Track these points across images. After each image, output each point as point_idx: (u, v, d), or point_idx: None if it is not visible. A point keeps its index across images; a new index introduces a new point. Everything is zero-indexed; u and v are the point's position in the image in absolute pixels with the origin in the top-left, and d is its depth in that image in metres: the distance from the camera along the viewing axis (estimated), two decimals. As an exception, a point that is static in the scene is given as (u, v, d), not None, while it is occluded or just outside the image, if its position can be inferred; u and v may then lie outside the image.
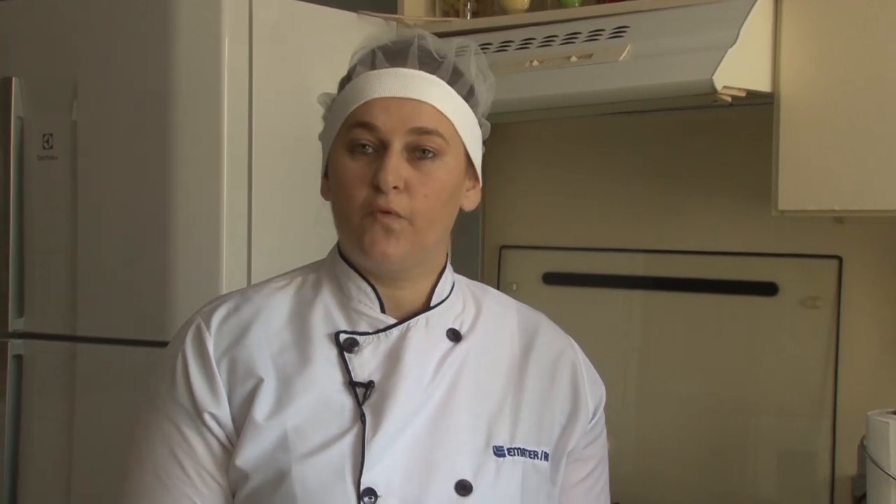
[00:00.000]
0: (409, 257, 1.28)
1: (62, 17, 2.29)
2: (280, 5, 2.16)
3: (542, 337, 1.40)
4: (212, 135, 2.09)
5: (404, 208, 1.24)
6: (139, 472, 1.29)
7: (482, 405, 1.31)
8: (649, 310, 2.38)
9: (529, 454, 1.30)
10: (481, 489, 1.25)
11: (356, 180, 1.26)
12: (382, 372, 1.28)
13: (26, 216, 2.33)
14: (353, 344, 1.29)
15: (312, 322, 1.31)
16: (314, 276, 1.36)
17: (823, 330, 2.18)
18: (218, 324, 1.31)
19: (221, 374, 1.28)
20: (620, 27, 2.07)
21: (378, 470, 1.22)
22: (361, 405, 1.26)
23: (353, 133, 1.26)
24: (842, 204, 1.90)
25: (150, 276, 2.14)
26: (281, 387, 1.27)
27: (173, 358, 1.30)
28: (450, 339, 1.33)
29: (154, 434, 1.29)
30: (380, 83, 1.26)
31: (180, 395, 1.28)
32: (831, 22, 1.90)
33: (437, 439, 1.26)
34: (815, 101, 1.91)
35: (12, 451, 2.35)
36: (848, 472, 2.10)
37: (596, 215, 2.46)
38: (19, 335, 2.34)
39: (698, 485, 2.27)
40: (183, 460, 1.27)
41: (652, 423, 2.31)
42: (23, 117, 2.32)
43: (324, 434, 1.24)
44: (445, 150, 1.27)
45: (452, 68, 1.29)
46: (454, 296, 1.36)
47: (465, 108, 1.30)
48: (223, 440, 1.27)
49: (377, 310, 1.31)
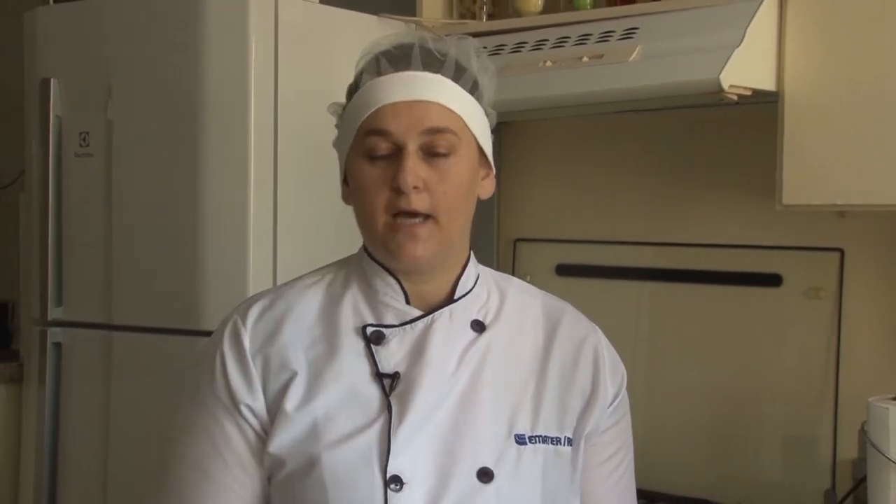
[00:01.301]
0: (437, 255, 1.28)
1: (98, 21, 2.30)
2: (304, 9, 2.17)
3: (566, 325, 1.38)
4: (239, 133, 2.10)
5: (425, 206, 1.24)
6: (180, 463, 1.30)
7: (504, 394, 1.30)
8: (657, 300, 2.37)
9: (552, 441, 1.30)
10: (502, 476, 1.25)
11: (376, 185, 1.25)
12: (408, 363, 1.27)
13: (64, 211, 2.35)
14: (380, 336, 1.29)
15: (341, 316, 1.31)
16: (343, 272, 1.36)
17: (826, 320, 2.17)
18: (253, 321, 1.30)
19: (257, 368, 1.28)
20: (630, 29, 2.06)
21: (404, 458, 1.22)
22: (388, 395, 1.25)
23: (369, 141, 1.26)
24: (844, 198, 1.89)
25: (181, 268, 2.15)
26: (311, 378, 1.27)
27: (212, 355, 1.31)
28: (473, 329, 1.32)
29: (195, 427, 1.30)
30: (388, 89, 1.26)
31: (219, 389, 1.28)
32: (834, 23, 1.89)
33: (461, 428, 1.26)
34: (819, 100, 1.90)
35: (52, 434, 2.36)
36: (849, 455, 2.09)
37: (606, 209, 2.45)
38: (58, 324, 2.35)
39: (705, 467, 2.27)
40: (222, 450, 1.27)
41: (660, 408, 2.30)
42: (61, 116, 2.33)
43: (352, 423, 1.24)
44: (458, 145, 1.27)
45: (455, 65, 1.28)
46: (478, 287, 1.35)
47: (472, 102, 1.29)
48: (258, 430, 1.27)
49: (403, 302, 1.31)
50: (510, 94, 2.02)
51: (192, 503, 1.28)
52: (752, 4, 1.93)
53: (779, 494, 2.18)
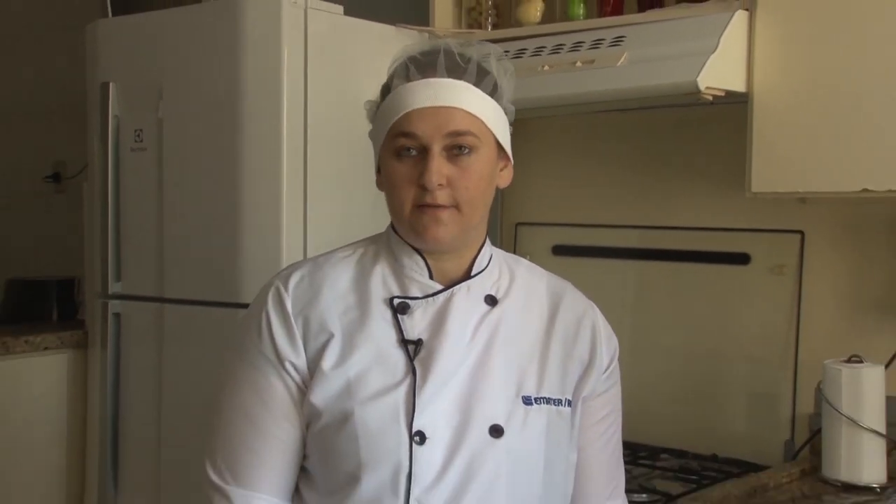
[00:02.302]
0: (458, 238, 1.27)
1: (150, 32, 2.32)
2: (330, 20, 2.17)
3: (567, 302, 1.38)
4: (273, 130, 2.11)
5: (448, 200, 1.24)
6: (230, 413, 1.29)
7: (513, 361, 1.29)
8: (642, 276, 2.37)
9: (554, 402, 1.30)
10: (511, 432, 1.25)
11: (405, 181, 1.25)
12: (430, 331, 1.27)
13: (121, 198, 2.36)
14: (406, 307, 1.28)
15: (371, 288, 1.30)
16: (373, 247, 1.35)
17: (787, 293, 2.17)
18: (294, 287, 1.30)
19: (298, 328, 1.27)
20: (618, 37, 2.05)
21: (426, 415, 1.22)
22: (412, 360, 1.25)
23: (397, 141, 1.25)
24: (805, 186, 1.90)
25: (222, 247, 2.16)
26: (345, 341, 1.26)
27: (257, 316, 1.30)
28: (487, 303, 1.31)
29: (243, 381, 1.29)
30: (415, 95, 1.24)
31: (265, 347, 1.28)
32: (797, 33, 1.89)
33: (475, 390, 1.26)
34: (783, 100, 1.90)
35: (113, 391, 2.38)
36: (806, 410, 2.12)
37: (597, 197, 2.44)
38: (117, 297, 2.37)
39: (681, 421, 2.27)
40: (268, 402, 1.27)
41: (643, 370, 2.30)
42: (118, 116, 2.35)
43: (381, 383, 1.24)
44: (478, 145, 1.25)
45: (477, 70, 1.26)
46: (492, 266, 1.34)
47: (491, 103, 1.27)
48: (300, 384, 1.27)
49: (426, 277, 1.30)
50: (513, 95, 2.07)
51: (241, 449, 1.27)
52: (724, 16, 1.93)
53: (745, 444, 2.18)
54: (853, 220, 2.10)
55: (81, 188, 2.70)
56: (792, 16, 1.90)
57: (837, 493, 1.87)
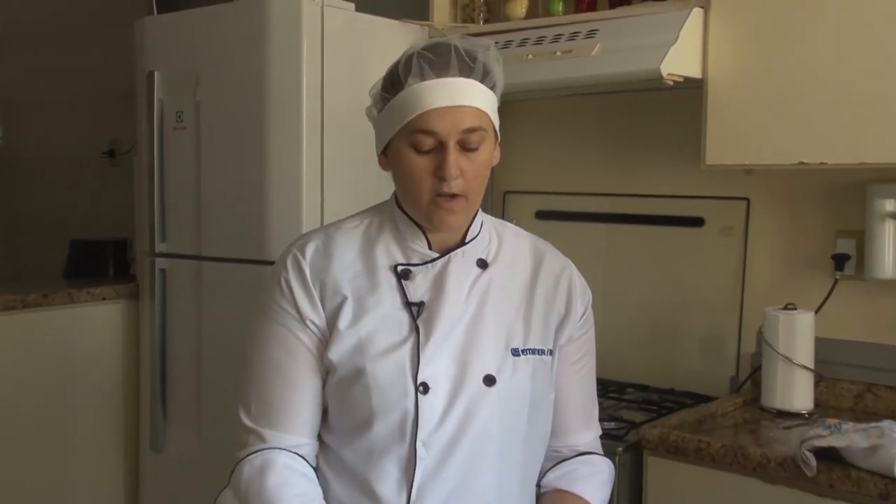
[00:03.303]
0: (465, 222, 1.27)
1: (189, 28, 2.32)
2: (344, 16, 2.17)
3: (548, 261, 1.36)
4: (294, 110, 2.11)
5: (462, 189, 1.21)
6: (259, 365, 1.27)
7: (503, 317, 1.28)
8: (612, 237, 2.37)
9: (538, 352, 1.29)
10: (502, 380, 1.24)
11: (424, 173, 1.21)
12: (430, 294, 1.25)
13: (165, 171, 2.37)
14: (408, 273, 1.26)
15: (377, 256, 1.28)
16: (378, 218, 1.32)
17: (735, 251, 2.17)
18: (310, 255, 1.27)
19: (316, 291, 1.25)
20: (592, 30, 2.06)
21: (429, 369, 1.21)
22: (416, 320, 1.24)
23: (417, 137, 1.20)
24: (750, 160, 1.91)
25: (251, 212, 2.17)
26: (356, 304, 1.24)
27: (279, 281, 1.27)
28: (479, 266, 1.29)
29: (271, 336, 1.27)
30: (432, 94, 1.19)
31: (289, 307, 1.26)
32: (745, 28, 1.89)
33: (470, 345, 1.24)
34: (733, 85, 1.90)
35: (161, 336, 2.40)
36: (749, 350, 2.14)
37: (574, 169, 2.44)
38: (162, 255, 2.39)
39: (645, 360, 2.29)
40: (294, 354, 1.25)
41: (613, 317, 2.31)
42: (162, 100, 2.35)
43: (388, 341, 1.22)
44: (485, 137, 1.23)
45: (483, 69, 1.22)
46: (483, 232, 1.32)
47: (492, 96, 1.25)
48: (320, 340, 1.25)
49: (425, 247, 1.28)
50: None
51: (270, 396, 1.25)
52: (683, 13, 1.93)
53: (697, 379, 2.19)
54: (791, 188, 2.10)
55: (132, 162, 2.70)
56: (741, 13, 1.90)
57: (773, 419, 1.90)
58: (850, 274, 2.01)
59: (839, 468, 1.56)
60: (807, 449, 1.58)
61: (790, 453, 1.62)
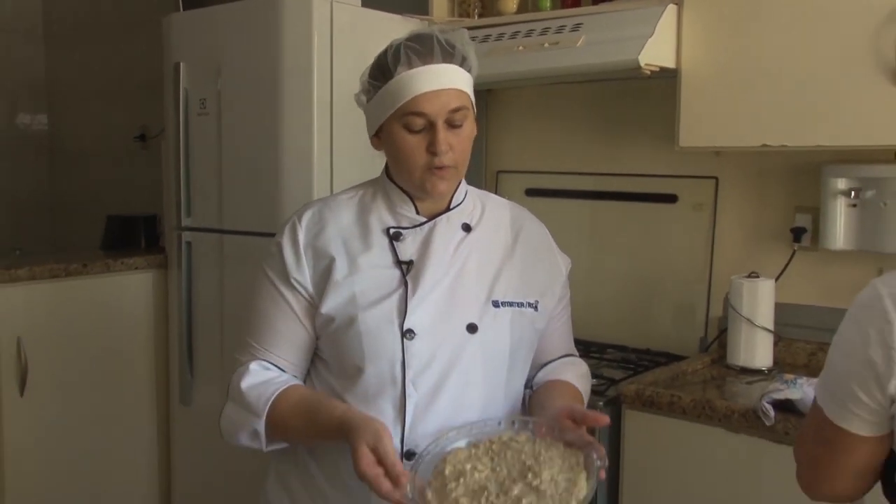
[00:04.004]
0: (453, 189, 1.28)
1: (211, 23, 2.30)
2: (351, 11, 2.15)
3: (527, 227, 1.37)
4: (306, 98, 2.10)
5: (452, 161, 1.23)
6: (255, 315, 1.30)
7: (484, 274, 1.29)
8: (594, 212, 2.37)
9: (516, 305, 1.29)
10: (483, 328, 1.25)
11: (417, 150, 1.22)
12: (418, 254, 1.26)
13: (191, 153, 2.35)
14: (399, 235, 1.28)
15: (371, 221, 1.29)
16: (371, 190, 1.33)
17: (705, 225, 2.18)
18: (306, 222, 1.29)
19: (307, 254, 1.27)
20: (577, 24, 2.05)
21: (415, 317, 1.22)
22: (405, 275, 1.25)
23: (408, 119, 1.21)
24: (719, 142, 1.91)
25: (267, 190, 2.17)
26: (350, 262, 1.26)
27: (278, 246, 1.30)
28: (463, 230, 1.30)
29: (262, 290, 1.30)
30: (420, 80, 1.20)
31: (279, 267, 1.28)
32: (715, 23, 1.89)
33: (454, 297, 1.25)
34: (704, 75, 1.90)
35: (187, 301, 2.41)
36: (716, 314, 2.15)
37: (561, 150, 2.43)
38: (188, 229, 2.39)
39: (623, 323, 2.30)
40: (282, 307, 1.27)
41: (595, 285, 2.32)
42: (187, 88, 2.34)
43: (379, 293, 1.24)
44: (468, 114, 1.24)
45: (461, 55, 1.24)
46: (467, 200, 1.32)
47: (469, 78, 1.26)
48: (306, 297, 1.27)
49: (414, 212, 1.29)
50: (494, 70, 2.04)
51: (258, 336, 1.28)
52: (659, 8, 1.93)
53: (670, 340, 2.21)
54: (755, 168, 2.11)
55: (161, 145, 2.69)
56: (711, 9, 1.89)
57: (737, 376, 1.92)
58: (806, 245, 2.02)
59: (794, 418, 1.58)
60: (766, 401, 1.61)
61: (751, 405, 1.64)
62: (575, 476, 1.10)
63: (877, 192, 1.86)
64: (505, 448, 1.16)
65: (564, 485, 1.08)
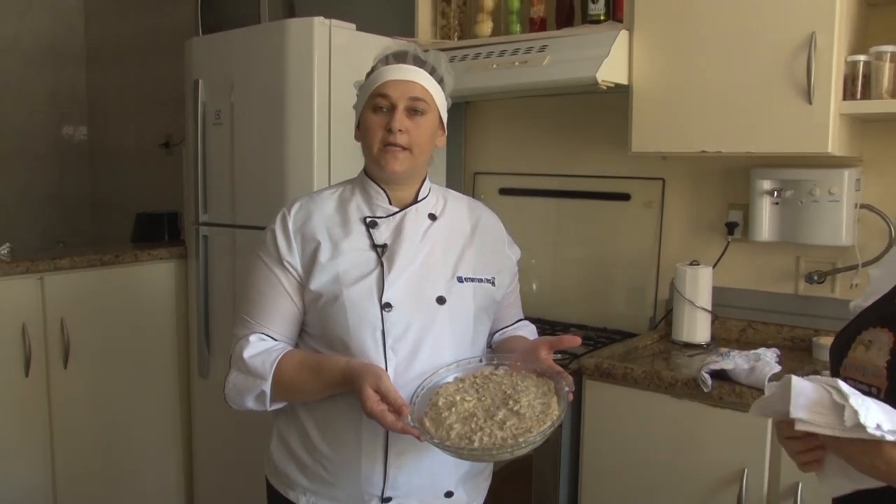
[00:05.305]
0: (408, 171, 1.27)
1: (226, 46, 2.29)
2: (347, 34, 2.14)
3: (484, 218, 1.38)
4: (307, 109, 2.09)
5: (405, 142, 1.24)
6: (251, 293, 1.30)
7: (449, 255, 1.30)
8: (559, 209, 2.37)
9: (477, 280, 1.30)
10: (451, 300, 1.26)
11: (378, 127, 1.24)
12: (392, 239, 1.27)
13: (208, 158, 2.35)
14: (374, 223, 1.28)
15: (350, 211, 1.30)
16: (350, 186, 1.34)
17: (654, 220, 2.18)
18: (294, 213, 1.30)
19: (297, 240, 1.27)
20: (543, 45, 2.04)
21: (391, 292, 1.23)
22: (381, 258, 1.25)
23: (375, 100, 1.25)
24: (665, 148, 1.90)
25: (274, 190, 2.15)
26: (333, 247, 1.26)
27: (271, 233, 1.30)
28: (430, 219, 1.31)
29: (258, 270, 1.30)
30: (390, 72, 1.25)
31: (272, 251, 1.28)
32: (661, 46, 1.88)
33: (424, 275, 1.26)
34: (652, 90, 1.90)
35: (204, 289, 2.39)
36: (664, 297, 2.16)
37: (529, 155, 2.43)
38: (205, 224, 2.37)
39: (584, 306, 2.30)
40: (275, 286, 1.27)
41: (560, 274, 2.32)
42: (205, 102, 2.33)
43: (359, 272, 1.24)
44: (427, 110, 1.25)
45: (431, 67, 1.28)
46: (431, 194, 1.34)
47: (438, 88, 1.28)
48: (296, 277, 1.27)
49: (387, 203, 1.29)
50: (472, 85, 2.04)
51: (253, 311, 1.28)
52: (614, 33, 1.92)
53: (624, 320, 2.21)
54: (696, 171, 2.11)
55: (182, 151, 2.69)
56: (658, 35, 1.89)
57: (680, 350, 1.93)
58: (738, 237, 2.03)
59: (727, 385, 1.59)
60: (704, 371, 1.61)
61: (692, 375, 1.65)
62: (548, 400, 1.15)
63: (795, 192, 1.88)
64: (487, 381, 1.21)
65: (540, 408, 1.13)
